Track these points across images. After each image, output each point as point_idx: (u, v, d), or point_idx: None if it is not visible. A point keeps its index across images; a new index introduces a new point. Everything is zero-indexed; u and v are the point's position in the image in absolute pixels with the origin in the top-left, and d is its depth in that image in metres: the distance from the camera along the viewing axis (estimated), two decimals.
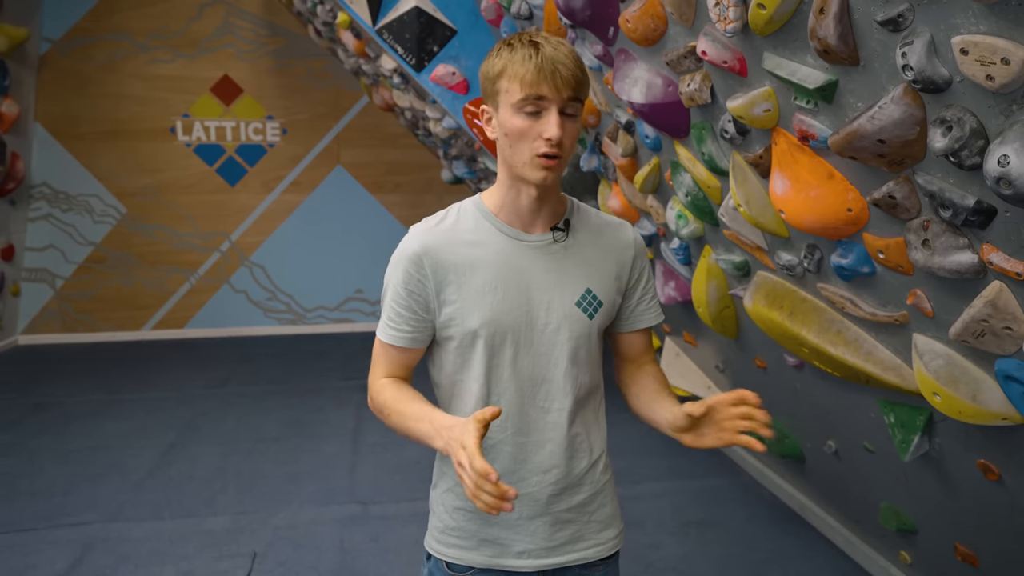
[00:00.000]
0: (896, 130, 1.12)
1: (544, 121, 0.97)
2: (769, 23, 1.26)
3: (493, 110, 1.02)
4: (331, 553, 2.52)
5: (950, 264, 1.19)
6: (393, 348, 1.09)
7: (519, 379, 1.06)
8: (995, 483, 1.50)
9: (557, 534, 1.11)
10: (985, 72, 0.93)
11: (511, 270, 1.04)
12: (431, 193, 5.92)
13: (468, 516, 1.11)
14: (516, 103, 0.97)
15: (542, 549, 1.11)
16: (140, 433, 3.60)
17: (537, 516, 1.10)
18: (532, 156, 0.98)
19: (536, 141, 0.97)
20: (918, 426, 1.61)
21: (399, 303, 1.06)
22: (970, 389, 1.31)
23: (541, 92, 0.96)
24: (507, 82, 0.98)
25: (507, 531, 1.10)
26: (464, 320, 1.04)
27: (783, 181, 1.48)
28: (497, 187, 1.07)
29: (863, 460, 2.06)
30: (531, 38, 0.99)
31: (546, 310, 1.06)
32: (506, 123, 0.99)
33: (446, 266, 1.04)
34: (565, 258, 1.07)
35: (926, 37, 1.00)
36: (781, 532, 2.69)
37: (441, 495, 1.14)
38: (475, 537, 1.11)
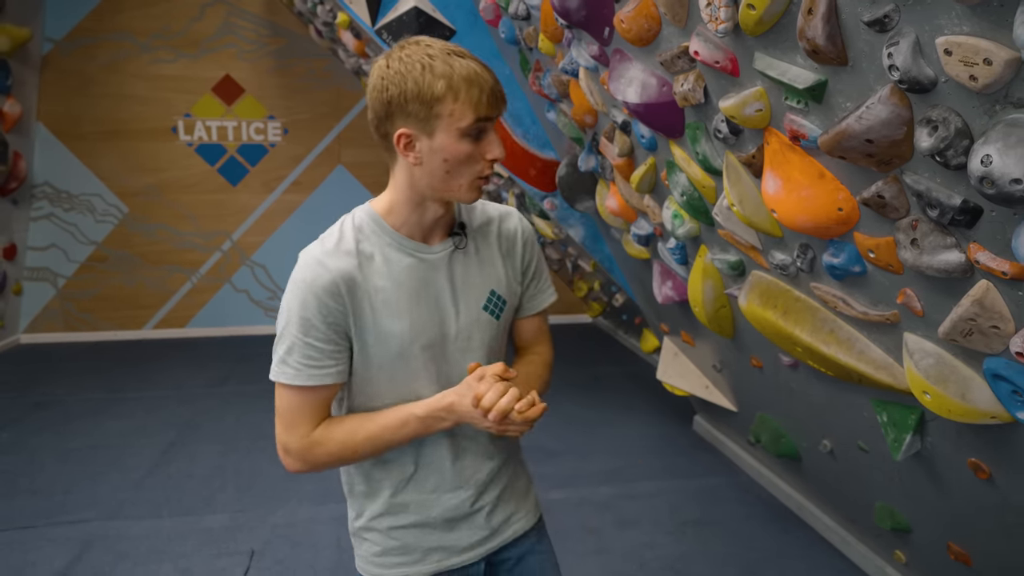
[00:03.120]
0: (884, 130, 1.12)
1: (487, 142, 0.95)
2: (759, 23, 1.27)
3: (421, 135, 0.93)
4: (328, 551, 2.53)
5: (938, 263, 1.20)
6: (316, 390, 0.99)
7: (438, 390, 1.04)
8: (986, 482, 1.51)
9: (493, 520, 1.14)
10: (968, 72, 0.93)
11: (420, 286, 1.02)
12: None
13: (409, 532, 1.09)
14: (464, 128, 0.92)
15: (483, 538, 1.13)
16: (140, 432, 3.62)
17: (477, 511, 1.12)
18: (473, 179, 0.96)
19: (479, 163, 0.95)
20: (910, 425, 1.62)
21: (318, 338, 0.97)
22: (959, 388, 1.32)
23: (490, 114, 0.93)
24: (453, 105, 0.91)
25: (450, 533, 1.10)
26: (384, 343, 1.00)
27: (775, 181, 1.48)
28: (398, 204, 1.01)
29: (858, 459, 2.07)
30: (447, 49, 0.93)
31: (456, 320, 1.05)
32: (448, 148, 0.93)
33: (359, 291, 0.98)
34: (466, 264, 1.06)
35: (911, 38, 1.01)
36: (778, 531, 2.69)
37: (371, 521, 1.10)
38: (419, 550, 1.10)
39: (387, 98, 0.92)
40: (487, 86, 0.92)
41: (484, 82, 0.92)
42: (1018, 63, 0.88)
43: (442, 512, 1.09)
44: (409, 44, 0.94)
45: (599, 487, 3.06)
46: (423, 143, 0.93)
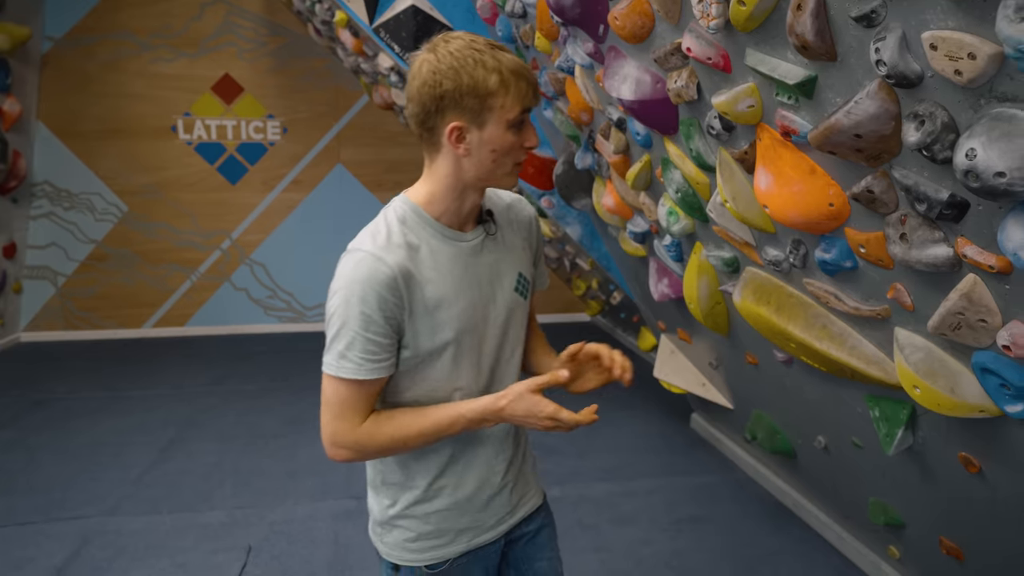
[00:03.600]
0: (872, 125, 1.13)
1: (526, 131, 1.00)
2: (750, 19, 1.27)
3: (472, 127, 0.97)
4: (325, 547, 2.54)
5: (927, 257, 1.21)
6: (372, 383, 1.01)
7: (480, 370, 1.10)
8: (976, 476, 1.51)
9: (512, 498, 1.20)
10: (954, 67, 0.94)
11: (464, 273, 1.05)
12: None
13: (444, 516, 1.13)
14: (512, 119, 0.97)
15: (506, 514, 1.19)
16: (139, 429, 3.63)
17: (503, 490, 1.17)
18: (513, 166, 1.01)
19: (519, 151, 1.00)
20: (902, 420, 1.63)
21: (377, 333, 0.98)
22: (948, 382, 1.33)
23: (533, 104, 0.99)
24: (505, 96, 0.95)
25: (480, 514, 1.15)
26: (437, 333, 1.03)
27: (767, 176, 1.49)
28: (440, 194, 1.03)
29: (851, 455, 2.08)
30: (489, 43, 0.97)
31: (495, 304, 1.10)
32: (497, 139, 0.97)
33: (413, 282, 1.00)
34: (496, 250, 1.11)
35: (898, 32, 1.02)
36: (774, 528, 2.70)
37: (407, 509, 1.13)
38: (452, 531, 1.14)
39: (440, 93, 0.95)
40: (532, 78, 0.97)
41: (529, 74, 0.97)
42: (1001, 58, 0.89)
43: (475, 492, 1.14)
44: (452, 38, 0.97)
45: (597, 484, 3.07)
46: (473, 135, 0.97)
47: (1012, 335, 1.11)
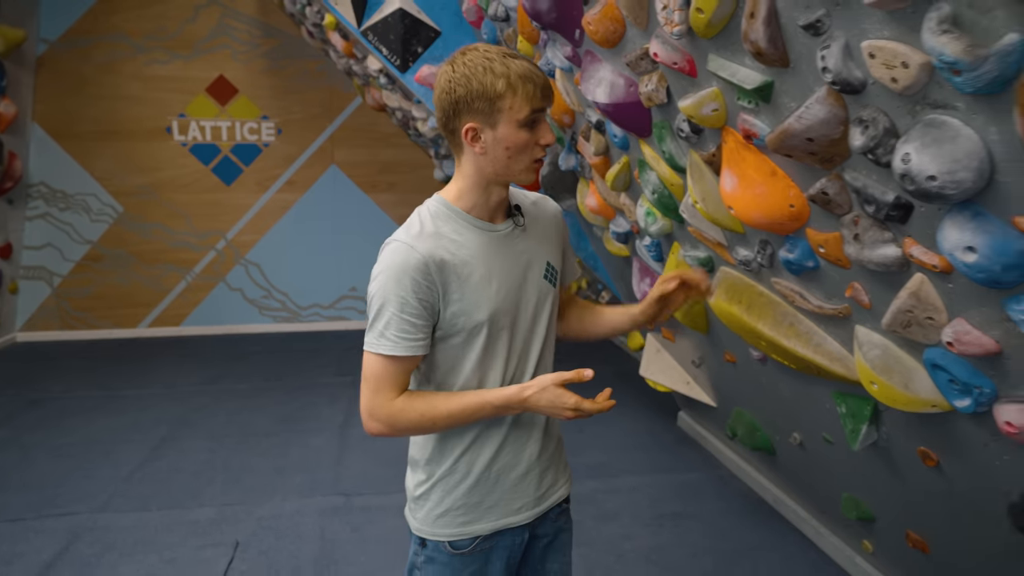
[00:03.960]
0: (822, 129, 1.17)
1: (540, 130, 1.08)
2: (709, 26, 1.31)
3: (486, 127, 1.06)
4: (312, 542, 2.58)
5: (878, 257, 1.25)
6: (405, 360, 1.10)
7: (511, 353, 1.16)
8: (934, 469, 1.55)
9: (543, 483, 1.24)
10: (890, 75, 0.98)
11: (496, 260, 1.13)
12: (425, 192, 5.75)
13: (471, 491, 1.19)
14: (523, 119, 1.05)
15: (533, 500, 1.23)
16: (132, 428, 3.67)
17: (530, 472, 1.22)
18: (530, 163, 1.10)
19: (534, 149, 1.09)
20: (865, 416, 1.67)
21: (411, 314, 1.07)
22: (903, 378, 1.37)
23: (542, 105, 1.07)
24: (512, 98, 1.04)
25: (508, 493, 1.20)
26: (471, 314, 1.11)
27: (732, 178, 1.53)
28: (467, 189, 1.12)
29: (824, 451, 2.12)
30: (503, 52, 1.06)
31: (526, 290, 1.17)
32: (509, 138, 1.06)
33: (446, 268, 1.09)
34: (526, 240, 1.19)
35: (841, 41, 1.06)
36: (754, 524, 2.74)
37: (438, 482, 1.19)
38: (480, 507, 1.19)
39: (455, 98, 1.06)
40: (539, 81, 1.05)
41: (537, 78, 1.05)
42: (931, 67, 0.93)
43: (503, 470, 1.19)
44: (469, 50, 1.08)
45: (583, 481, 3.10)
46: (487, 135, 1.07)
47: (955, 332, 1.15)
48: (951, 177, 0.93)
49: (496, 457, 1.18)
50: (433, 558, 1.20)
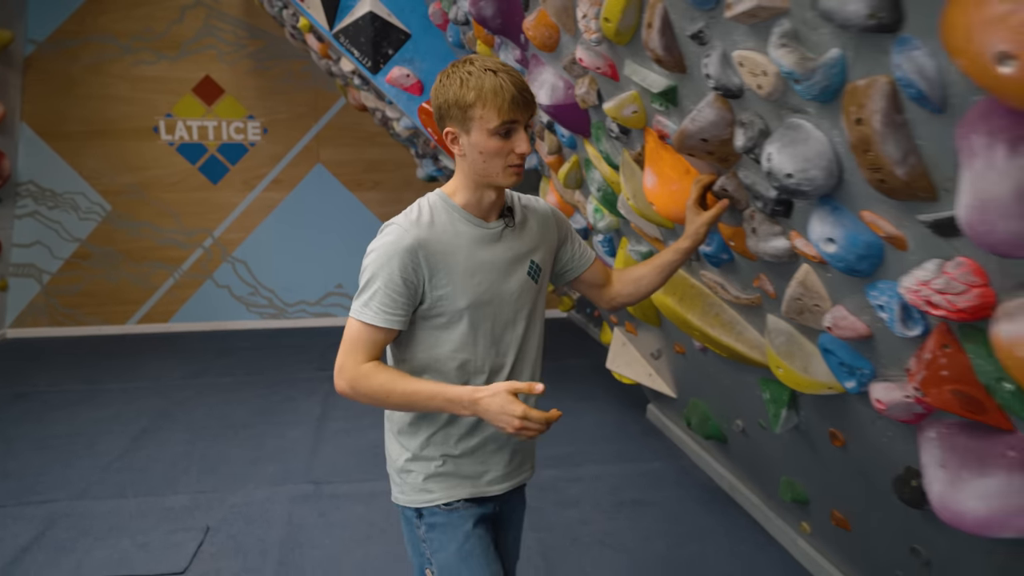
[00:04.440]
0: (713, 130, 1.27)
1: (515, 139, 1.17)
2: (618, 34, 1.41)
3: (462, 132, 1.18)
4: (279, 527, 2.68)
5: (771, 249, 1.34)
6: (381, 331, 1.19)
7: (490, 340, 1.26)
8: (842, 449, 1.65)
9: (512, 462, 1.36)
10: (756, 82, 1.08)
11: (484, 252, 1.24)
12: (409, 190, 6.07)
13: (451, 460, 1.29)
14: (493, 128, 1.14)
15: (503, 475, 1.35)
16: (114, 420, 3.77)
17: (501, 449, 1.33)
18: (505, 167, 1.18)
19: (509, 155, 1.18)
20: (784, 400, 1.76)
21: (394, 291, 1.18)
22: (803, 362, 1.46)
23: (514, 117, 1.15)
24: (482, 110, 1.14)
25: (480, 465, 1.32)
26: (454, 301, 1.21)
27: (652, 176, 1.63)
28: (462, 188, 1.24)
29: (762, 437, 2.22)
30: (485, 66, 1.15)
31: (508, 283, 1.27)
32: (481, 144, 1.16)
33: (435, 255, 1.19)
34: (514, 239, 1.29)
35: (720, 50, 1.15)
36: (709, 510, 2.84)
37: (420, 452, 1.29)
38: (457, 476, 1.30)
39: (438, 104, 1.19)
40: (509, 96, 1.14)
41: (507, 93, 1.13)
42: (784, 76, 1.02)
43: (481, 443, 1.30)
44: (460, 63, 1.18)
45: (547, 470, 3.20)
46: (464, 139, 1.18)
47: (834, 318, 1.25)
48: (804, 175, 1.03)
49: (473, 430, 1.29)
50: (433, 523, 1.29)
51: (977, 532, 1.06)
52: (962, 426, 1.11)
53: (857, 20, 0.80)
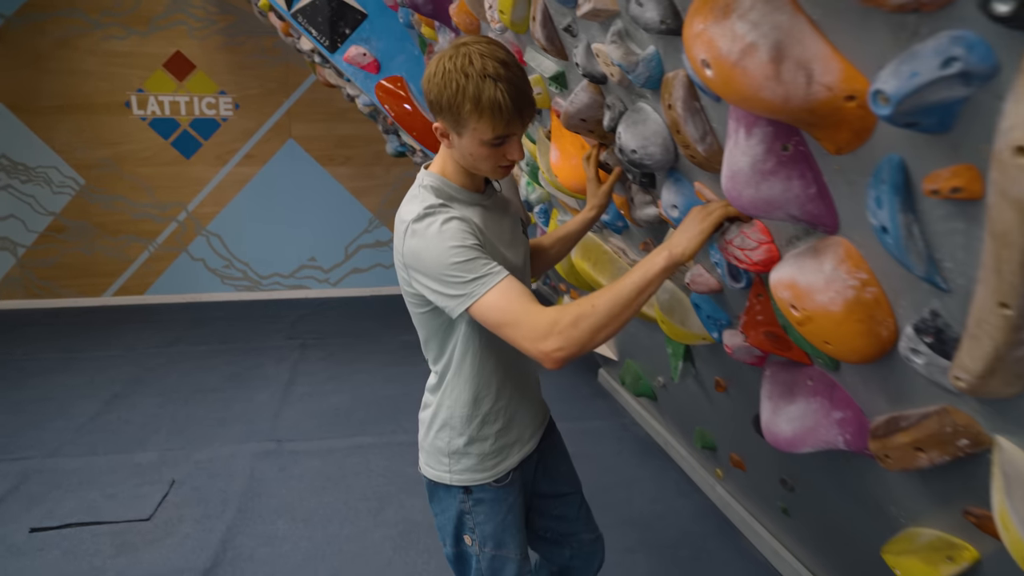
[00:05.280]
0: (588, 111, 1.45)
1: (508, 147, 1.12)
2: (514, 24, 1.58)
3: (452, 131, 1.11)
4: (241, 480, 2.88)
5: (646, 216, 1.53)
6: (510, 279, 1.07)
7: None
8: (724, 394, 1.86)
9: (539, 410, 1.46)
10: (609, 71, 1.25)
11: (492, 227, 1.22)
12: (379, 165, 6.21)
13: (503, 431, 1.32)
14: (487, 140, 1.08)
15: (537, 426, 1.43)
16: (88, 386, 3.94)
17: (532, 406, 1.41)
18: (495, 166, 1.15)
19: (498, 159, 1.14)
20: (680, 353, 1.97)
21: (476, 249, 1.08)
22: (681, 316, 1.67)
23: (510, 132, 1.09)
24: (477, 121, 1.06)
25: (522, 428, 1.37)
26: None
27: (556, 151, 1.81)
28: (455, 171, 1.19)
29: (676, 390, 2.43)
30: (486, 70, 1.04)
31: (516, 246, 1.30)
32: (472, 148, 1.11)
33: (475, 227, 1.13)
34: (503, 204, 1.32)
35: (585, 42, 1.33)
36: (641, 463, 3.07)
37: (478, 433, 1.29)
38: (508, 446, 1.33)
39: (431, 98, 1.10)
40: (507, 112, 1.06)
41: (505, 109, 1.05)
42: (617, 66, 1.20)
43: (519, 408, 1.35)
44: (459, 53, 1.06)
45: None
46: (454, 138, 1.13)
47: (692, 275, 1.44)
48: (645, 151, 1.21)
49: (511, 400, 1.32)
50: (481, 499, 1.31)
51: (787, 449, 1.27)
52: (783, 364, 1.31)
53: (654, 25, 0.98)
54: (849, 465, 1.36)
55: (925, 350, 0.83)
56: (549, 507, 1.50)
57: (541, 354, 1.03)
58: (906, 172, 0.72)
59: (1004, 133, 0.55)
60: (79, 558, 2.32)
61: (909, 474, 1.11)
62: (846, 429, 1.16)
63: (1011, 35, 0.53)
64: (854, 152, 0.78)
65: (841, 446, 1.19)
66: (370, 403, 3.72)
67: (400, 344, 4.81)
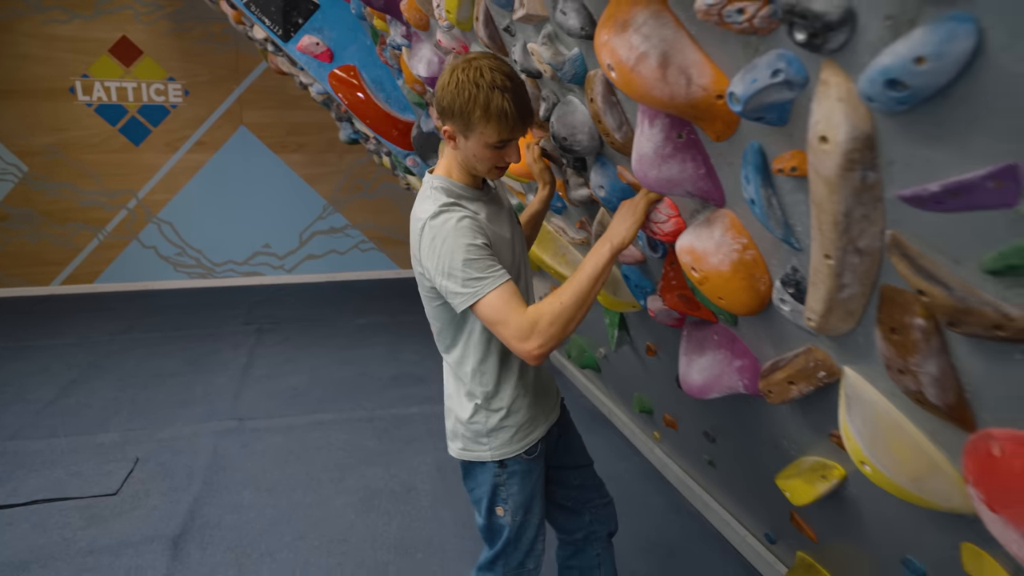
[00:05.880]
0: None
1: (507, 151, 1.28)
2: (459, 23, 1.73)
3: (460, 134, 1.27)
4: (204, 456, 2.99)
5: (579, 197, 1.72)
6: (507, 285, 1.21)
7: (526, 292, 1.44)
8: (655, 358, 2.08)
9: (554, 388, 1.62)
10: (542, 67, 1.43)
11: (495, 223, 1.36)
12: (333, 152, 6.27)
13: (531, 405, 1.45)
14: (492, 143, 1.25)
15: (556, 401, 1.60)
16: (43, 372, 3.95)
17: (549, 381, 1.57)
18: (492, 167, 1.31)
19: (496, 161, 1.30)
20: (616, 322, 2.18)
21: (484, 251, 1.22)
22: (613, 287, 1.86)
23: (513, 137, 1.26)
24: (484, 126, 1.22)
25: (547, 399, 1.54)
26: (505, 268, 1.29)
27: None
28: (459, 172, 1.35)
29: (615, 359, 2.65)
30: (495, 82, 1.21)
31: (516, 236, 1.43)
32: (476, 151, 1.27)
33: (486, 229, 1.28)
34: (499, 197, 1.47)
35: (522, 41, 1.50)
36: (587, 430, 3.22)
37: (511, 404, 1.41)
38: (536, 418, 1.47)
39: (444, 104, 1.26)
40: (512, 120, 1.23)
41: (511, 117, 1.22)
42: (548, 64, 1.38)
43: (540, 382, 1.50)
44: (471, 66, 1.23)
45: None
46: (461, 140, 1.29)
47: None
48: (574, 138, 1.40)
49: (533, 373, 1.46)
50: (515, 471, 1.44)
51: (699, 396, 1.48)
52: (696, 324, 1.52)
53: (575, 31, 1.16)
54: (749, 408, 1.58)
55: (789, 299, 1.04)
56: (569, 478, 1.65)
57: (525, 352, 1.20)
58: (763, 155, 0.92)
59: (812, 126, 0.75)
60: (49, 531, 2.40)
61: (791, 408, 1.34)
62: (744, 375, 1.38)
63: (812, 55, 0.72)
64: (728, 140, 0.98)
65: (741, 390, 1.41)
66: (328, 383, 3.85)
67: (356, 328, 4.93)
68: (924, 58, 0.57)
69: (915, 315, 0.79)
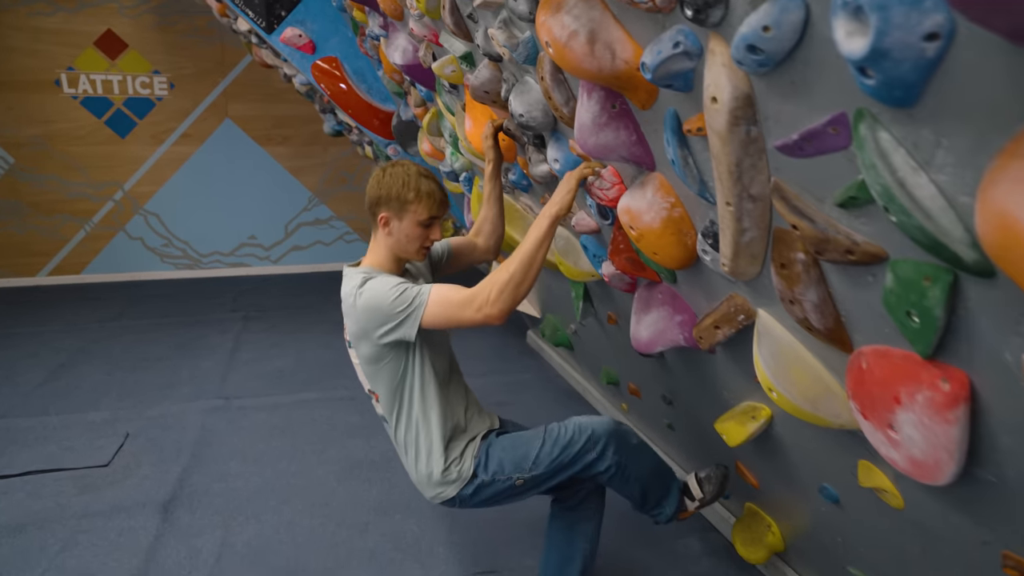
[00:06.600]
0: (490, 85, 1.76)
1: (433, 229, 1.55)
2: (429, 11, 1.87)
3: (394, 219, 1.52)
4: (193, 431, 3.11)
5: (540, 173, 1.86)
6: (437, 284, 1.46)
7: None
8: (616, 327, 2.23)
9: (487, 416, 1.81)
10: (502, 51, 1.57)
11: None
12: (317, 145, 6.37)
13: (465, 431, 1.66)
14: (422, 220, 1.51)
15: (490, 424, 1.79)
16: (32, 357, 4.04)
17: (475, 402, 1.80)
18: (419, 248, 1.55)
19: (424, 240, 1.55)
20: (580, 294, 2.32)
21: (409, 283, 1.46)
22: (574, 258, 2.01)
23: (439, 214, 1.54)
24: (417, 205, 1.50)
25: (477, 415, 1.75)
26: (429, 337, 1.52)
27: (469, 121, 2.11)
28: (385, 260, 1.57)
29: (584, 334, 2.79)
30: (420, 172, 1.53)
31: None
32: (408, 230, 1.53)
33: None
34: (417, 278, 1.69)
35: (483, 27, 1.63)
36: (560, 406, 3.43)
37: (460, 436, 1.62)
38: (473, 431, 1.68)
39: (380, 194, 1.53)
40: (438, 199, 1.53)
41: (437, 196, 1.53)
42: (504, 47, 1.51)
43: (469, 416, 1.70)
44: (397, 165, 1.54)
45: None
46: (395, 223, 1.53)
47: (576, 219, 1.78)
48: (529, 115, 1.54)
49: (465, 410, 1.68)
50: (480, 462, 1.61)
51: (645, 351, 1.63)
52: (647, 285, 1.67)
53: (526, 16, 1.29)
54: (696, 365, 1.73)
55: (709, 249, 1.19)
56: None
57: (486, 317, 1.40)
58: (678, 119, 1.06)
59: (705, 89, 0.89)
60: (44, 498, 2.52)
61: (724, 356, 1.48)
62: (684, 328, 1.53)
63: (702, 29, 0.87)
64: (652, 108, 1.12)
65: (682, 343, 1.55)
66: (313, 365, 3.97)
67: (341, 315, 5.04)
68: (769, 27, 0.71)
69: (797, 250, 0.94)
